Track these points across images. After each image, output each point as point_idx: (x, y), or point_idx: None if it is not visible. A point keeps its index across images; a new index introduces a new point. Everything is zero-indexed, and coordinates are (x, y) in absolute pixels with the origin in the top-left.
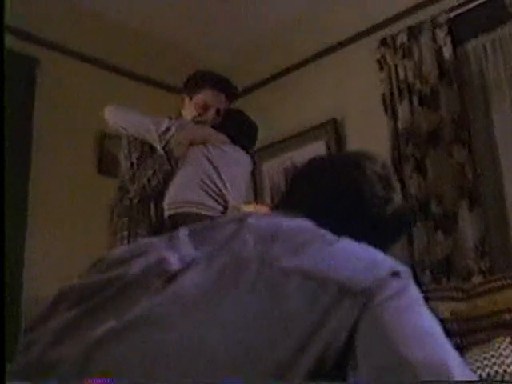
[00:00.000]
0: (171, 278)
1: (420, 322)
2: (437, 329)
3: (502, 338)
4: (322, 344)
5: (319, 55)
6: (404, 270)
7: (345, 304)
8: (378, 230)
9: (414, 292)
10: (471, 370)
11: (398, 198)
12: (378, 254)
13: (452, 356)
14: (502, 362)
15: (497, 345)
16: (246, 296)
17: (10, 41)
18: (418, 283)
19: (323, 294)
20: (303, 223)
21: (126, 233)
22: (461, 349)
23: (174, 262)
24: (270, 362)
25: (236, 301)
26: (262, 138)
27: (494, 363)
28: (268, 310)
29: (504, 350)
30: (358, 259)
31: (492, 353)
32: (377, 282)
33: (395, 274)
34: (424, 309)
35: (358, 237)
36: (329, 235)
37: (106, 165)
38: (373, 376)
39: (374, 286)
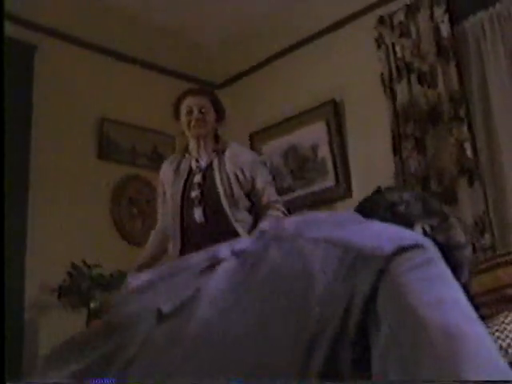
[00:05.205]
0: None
1: (443, 292)
2: (462, 299)
3: (507, 312)
4: (342, 309)
5: (317, 35)
6: (431, 244)
7: (362, 269)
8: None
9: (441, 267)
10: None
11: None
12: (407, 231)
13: (472, 325)
14: (506, 337)
15: (501, 319)
16: (279, 262)
17: (7, 27)
18: None
19: (345, 260)
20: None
21: None
22: None
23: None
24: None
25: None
26: (262, 120)
27: (498, 337)
28: (298, 273)
29: (508, 324)
30: (385, 232)
31: (496, 327)
32: (398, 250)
33: (420, 246)
34: (451, 283)
35: None
36: (361, 217)
37: (105, 150)
38: (388, 334)
39: (394, 253)
